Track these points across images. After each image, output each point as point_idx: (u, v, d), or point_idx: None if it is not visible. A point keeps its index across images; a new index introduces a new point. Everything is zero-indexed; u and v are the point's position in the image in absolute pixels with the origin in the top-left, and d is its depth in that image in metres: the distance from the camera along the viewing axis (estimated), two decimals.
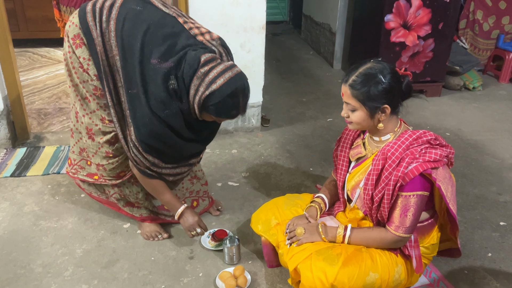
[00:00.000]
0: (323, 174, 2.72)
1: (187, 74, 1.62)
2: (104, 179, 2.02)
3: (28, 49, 4.91)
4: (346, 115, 1.61)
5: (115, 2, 1.74)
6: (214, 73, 1.61)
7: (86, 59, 1.78)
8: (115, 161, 1.95)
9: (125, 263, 1.97)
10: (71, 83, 1.89)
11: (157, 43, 1.65)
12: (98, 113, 1.87)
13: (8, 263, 1.95)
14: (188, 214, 1.95)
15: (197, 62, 1.62)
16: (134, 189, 2.06)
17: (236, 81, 1.64)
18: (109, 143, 1.91)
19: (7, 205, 2.35)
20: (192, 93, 1.64)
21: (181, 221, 1.96)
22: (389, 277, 1.59)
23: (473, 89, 4.22)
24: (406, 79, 1.57)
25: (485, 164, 2.88)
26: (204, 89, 1.61)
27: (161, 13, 1.74)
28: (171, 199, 1.94)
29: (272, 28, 6.31)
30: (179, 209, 1.93)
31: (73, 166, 2.11)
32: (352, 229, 1.64)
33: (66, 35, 1.80)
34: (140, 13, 1.71)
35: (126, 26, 1.68)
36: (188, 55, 1.64)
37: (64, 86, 3.93)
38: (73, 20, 1.79)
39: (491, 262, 2.01)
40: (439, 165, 1.52)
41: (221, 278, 1.84)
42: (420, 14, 3.70)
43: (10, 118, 2.95)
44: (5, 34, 2.77)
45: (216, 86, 1.60)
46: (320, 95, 4.05)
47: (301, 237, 1.67)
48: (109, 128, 1.88)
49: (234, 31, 2.94)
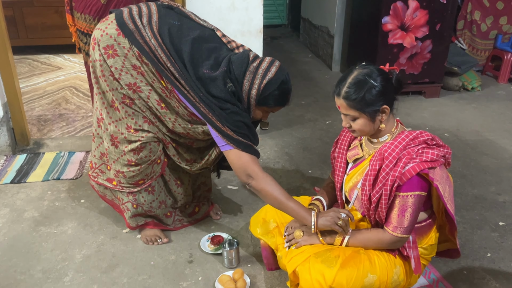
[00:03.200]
0: (322, 176, 2.72)
1: (239, 73, 1.74)
2: (121, 186, 2.01)
3: (28, 56, 4.94)
4: (348, 125, 1.61)
5: (151, 17, 1.77)
6: (266, 63, 1.76)
7: (119, 69, 1.77)
8: (137, 170, 1.93)
9: (124, 267, 1.98)
10: (98, 90, 1.87)
11: (204, 57, 1.75)
12: (125, 121, 1.86)
13: (8, 269, 1.96)
14: (323, 216, 1.66)
15: (246, 59, 1.76)
16: (149, 198, 2.04)
17: (284, 69, 1.79)
18: (133, 152, 1.89)
19: (7, 211, 2.36)
20: (247, 89, 1.74)
21: (321, 223, 1.64)
22: (388, 279, 1.59)
23: (471, 90, 4.23)
24: (394, 74, 1.58)
25: (484, 164, 2.88)
26: (260, 80, 1.73)
27: (199, 26, 1.84)
28: (297, 207, 1.68)
29: (270, 32, 6.33)
30: (312, 215, 1.65)
31: (94, 170, 2.12)
32: (350, 232, 1.64)
33: (97, 43, 1.78)
34: (181, 28, 1.78)
35: (171, 41, 1.73)
36: (233, 57, 1.76)
37: (64, 92, 3.95)
38: (107, 31, 1.77)
39: (490, 262, 2.01)
40: (436, 165, 1.52)
41: (221, 282, 1.84)
42: (417, 16, 3.71)
43: (10, 125, 2.96)
44: (4, 41, 2.79)
45: (272, 74, 1.74)
46: (319, 97, 4.07)
47: (300, 240, 1.68)
48: (135, 137, 1.87)
49: (231, 35, 2.91)
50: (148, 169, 1.95)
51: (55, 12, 4.83)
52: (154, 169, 1.98)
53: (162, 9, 1.82)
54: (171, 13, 1.82)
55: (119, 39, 1.75)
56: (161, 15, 1.79)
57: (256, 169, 1.71)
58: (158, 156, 1.95)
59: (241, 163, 1.73)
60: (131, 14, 1.77)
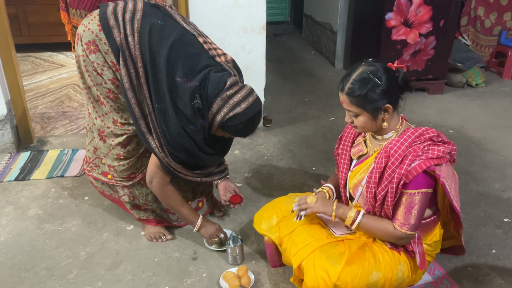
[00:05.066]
0: (326, 173, 2.71)
1: (211, 94, 1.72)
2: (115, 180, 2.05)
3: (31, 53, 4.94)
4: (350, 121, 1.61)
5: (135, 14, 1.76)
6: (239, 96, 1.74)
7: (101, 64, 1.79)
8: (126, 163, 1.98)
9: (128, 265, 1.98)
10: (83, 85, 1.90)
11: (180, 61, 1.73)
12: (111, 115, 1.89)
13: (13, 266, 1.97)
14: (208, 224, 2.03)
15: (222, 84, 1.73)
16: (143, 191, 2.07)
17: (256, 106, 1.78)
18: (120, 145, 1.93)
19: (11, 209, 2.36)
20: (214, 112, 1.74)
21: (202, 232, 2.01)
22: (392, 276, 1.59)
23: (475, 86, 4.21)
24: (400, 73, 1.56)
25: (488, 161, 2.87)
26: (228, 110, 1.72)
27: (182, 29, 1.81)
28: (188, 213, 1.99)
29: (273, 29, 6.31)
30: (198, 221, 1.99)
31: (88, 164, 2.14)
32: (364, 215, 1.62)
33: (80, 38, 1.80)
34: (163, 28, 1.76)
35: (150, 40, 1.72)
36: (212, 76, 1.74)
37: (67, 90, 3.96)
38: (89, 26, 1.78)
39: (495, 259, 2.01)
40: (442, 162, 1.51)
41: (225, 278, 1.84)
42: (421, 12, 3.69)
43: (13, 123, 2.96)
44: (7, 39, 2.79)
45: (241, 109, 1.72)
46: (322, 94, 4.05)
47: (312, 205, 1.67)
48: (121, 130, 1.91)
49: (234, 32, 2.95)
50: (138, 163, 2.00)
51: (57, 9, 4.71)
52: (143, 162, 2.01)
53: (147, 7, 1.81)
54: (156, 12, 1.81)
55: (100, 35, 1.76)
56: (145, 13, 1.78)
57: (163, 181, 1.90)
58: (147, 149, 1.96)
59: (156, 169, 1.87)
60: (115, 9, 1.78)
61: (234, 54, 2.01)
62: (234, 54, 1.93)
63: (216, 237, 2.01)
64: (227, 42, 2.93)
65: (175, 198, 1.96)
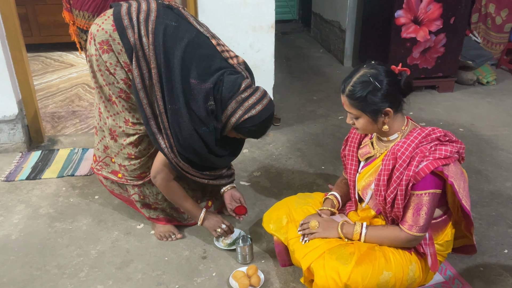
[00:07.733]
0: (335, 172, 2.71)
1: (225, 96, 1.74)
2: (126, 179, 2.06)
3: (41, 53, 4.97)
4: (352, 122, 1.61)
5: (149, 15, 1.77)
6: (254, 99, 1.76)
7: (113, 64, 1.80)
8: (137, 163, 1.99)
9: (139, 263, 1.99)
10: (95, 85, 1.91)
11: (194, 63, 1.74)
12: (122, 115, 1.90)
13: (24, 264, 1.98)
14: (210, 215, 2.03)
15: (237, 87, 1.75)
16: (154, 190, 2.08)
17: (270, 108, 1.81)
18: (132, 145, 1.94)
19: (23, 207, 2.39)
20: (228, 114, 1.76)
21: (206, 224, 2.02)
22: (403, 275, 1.58)
23: (486, 84, 4.16)
24: (403, 76, 1.54)
25: (500, 160, 2.84)
26: (243, 113, 1.74)
27: (195, 31, 1.82)
28: (191, 207, 2.00)
29: (281, 27, 6.29)
30: (201, 214, 2.00)
31: (98, 163, 2.15)
32: (367, 227, 1.63)
33: (93, 38, 1.80)
34: (177, 30, 1.77)
35: (165, 42, 1.73)
36: (226, 78, 1.75)
37: (77, 90, 3.98)
38: (103, 26, 1.79)
39: (507, 259, 1.98)
40: (450, 162, 1.50)
41: (235, 278, 1.84)
42: (431, 9, 3.66)
43: (24, 122, 2.99)
44: (18, 39, 2.82)
45: (256, 111, 1.75)
46: (330, 93, 4.04)
47: (315, 231, 1.67)
48: (133, 130, 1.92)
49: (243, 31, 2.95)
50: (148, 162, 2.00)
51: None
52: None
53: (161, 8, 1.82)
54: (169, 13, 1.81)
55: (114, 35, 1.77)
56: (159, 14, 1.78)
57: (167, 177, 1.90)
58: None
59: (162, 167, 1.88)
60: (129, 10, 1.79)
61: (243, 52, 2.00)
62: (243, 52, 1.93)
63: (218, 228, 2.00)
64: (236, 41, 2.93)
65: (178, 193, 1.97)
